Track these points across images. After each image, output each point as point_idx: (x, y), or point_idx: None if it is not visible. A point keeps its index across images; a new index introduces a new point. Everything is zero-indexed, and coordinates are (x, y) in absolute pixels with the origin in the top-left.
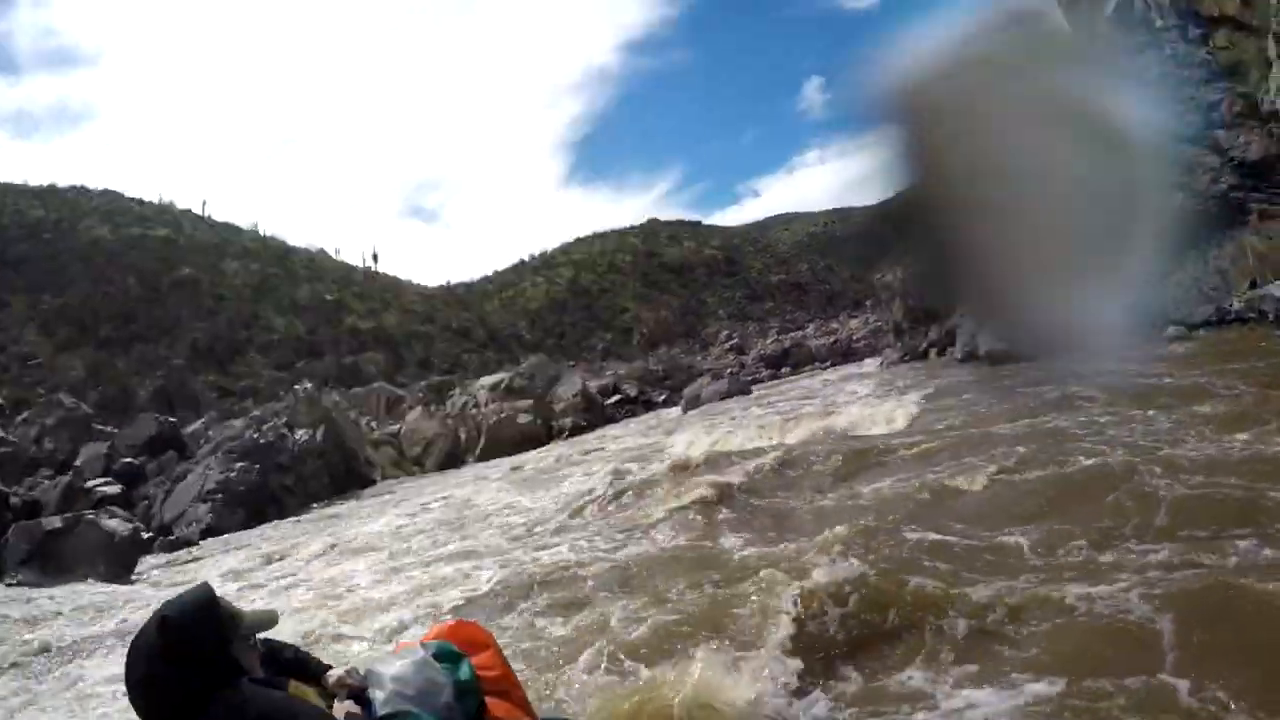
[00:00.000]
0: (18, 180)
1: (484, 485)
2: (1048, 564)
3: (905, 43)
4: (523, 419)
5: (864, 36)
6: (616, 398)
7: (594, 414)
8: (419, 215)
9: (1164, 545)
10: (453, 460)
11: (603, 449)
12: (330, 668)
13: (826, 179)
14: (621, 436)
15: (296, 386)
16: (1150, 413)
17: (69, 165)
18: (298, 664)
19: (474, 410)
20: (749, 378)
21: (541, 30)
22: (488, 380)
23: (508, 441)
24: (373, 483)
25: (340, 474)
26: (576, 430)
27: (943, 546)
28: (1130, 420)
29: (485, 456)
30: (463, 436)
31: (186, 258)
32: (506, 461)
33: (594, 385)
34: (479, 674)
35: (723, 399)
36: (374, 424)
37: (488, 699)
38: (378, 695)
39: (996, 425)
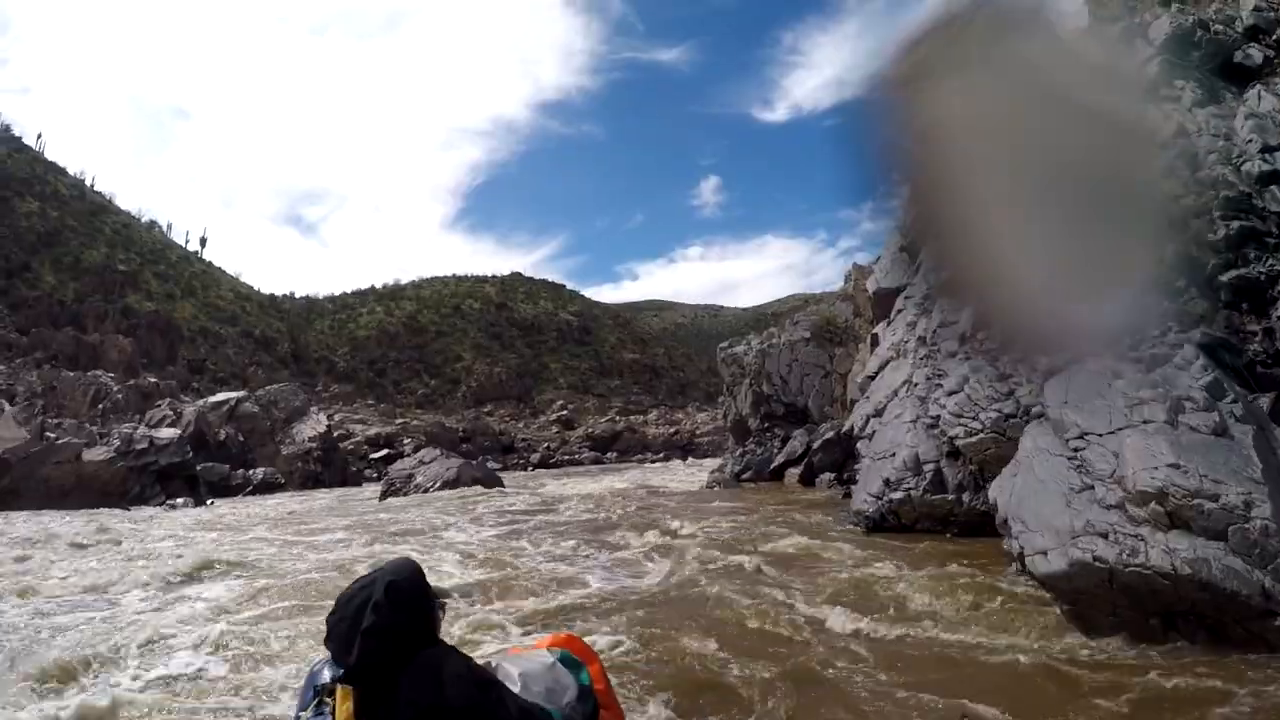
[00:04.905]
0: None
1: None
2: None
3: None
4: (94, 456)
5: (766, 148)
6: (385, 452)
7: (330, 469)
8: (297, 225)
9: None
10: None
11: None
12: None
13: (705, 275)
14: (246, 531)
15: None
16: None
17: None
18: None
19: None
20: (566, 456)
21: (459, 69)
22: (219, 397)
23: (53, 489)
24: None
25: None
26: (268, 488)
27: None
28: None
29: (24, 502)
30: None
31: None
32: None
33: (371, 432)
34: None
35: (449, 489)
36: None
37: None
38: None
39: None
